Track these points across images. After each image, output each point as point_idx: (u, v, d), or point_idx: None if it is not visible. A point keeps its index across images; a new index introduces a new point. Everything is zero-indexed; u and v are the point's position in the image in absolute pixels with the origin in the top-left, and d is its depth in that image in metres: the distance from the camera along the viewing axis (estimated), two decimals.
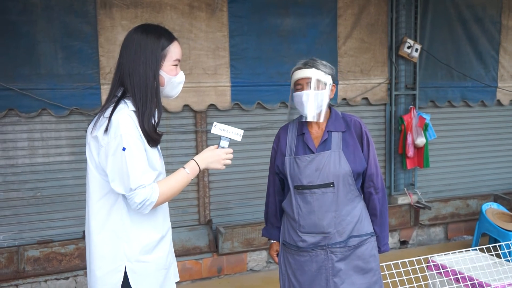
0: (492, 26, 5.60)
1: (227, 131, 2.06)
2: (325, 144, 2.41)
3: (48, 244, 4.05)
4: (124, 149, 1.76)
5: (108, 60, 4.14)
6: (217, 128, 2.05)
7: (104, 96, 4.15)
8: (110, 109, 1.81)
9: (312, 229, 2.41)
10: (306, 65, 2.40)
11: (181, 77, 1.98)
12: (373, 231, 2.50)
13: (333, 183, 2.36)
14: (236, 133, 2.07)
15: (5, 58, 3.90)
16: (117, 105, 1.82)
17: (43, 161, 4.13)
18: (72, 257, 4.07)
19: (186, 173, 1.94)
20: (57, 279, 4.07)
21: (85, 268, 4.07)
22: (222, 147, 2.05)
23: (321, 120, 2.41)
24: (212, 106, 4.55)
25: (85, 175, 1.90)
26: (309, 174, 2.38)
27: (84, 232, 4.13)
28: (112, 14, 4.13)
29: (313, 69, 2.38)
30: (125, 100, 1.86)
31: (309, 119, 2.39)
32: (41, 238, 4.12)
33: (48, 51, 4.01)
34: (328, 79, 2.40)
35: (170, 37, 1.93)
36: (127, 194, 1.78)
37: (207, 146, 4.55)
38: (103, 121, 1.81)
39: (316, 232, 2.40)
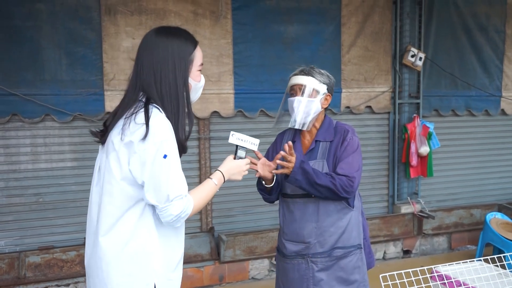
0: (496, 35, 5.59)
1: (244, 141, 2.04)
2: (311, 153, 2.40)
3: (50, 250, 4.03)
4: (165, 156, 1.63)
5: (112, 67, 4.15)
6: (234, 138, 2.03)
7: (108, 102, 4.15)
8: (141, 115, 1.66)
9: (294, 237, 2.43)
10: (302, 72, 2.40)
11: (203, 81, 1.89)
12: (360, 243, 2.47)
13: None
14: (253, 143, 2.06)
15: (9, 63, 3.91)
16: (148, 109, 1.67)
17: (45, 166, 4.12)
18: (73, 264, 4.05)
19: (214, 184, 1.87)
20: (58, 286, 4.05)
21: None
22: (240, 157, 2.03)
23: (305, 128, 2.38)
24: (215, 113, 4.55)
25: (88, 181, 1.80)
26: None
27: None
28: (116, 21, 4.14)
29: (308, 77, 2.37)
30: (155, 105, 1.71)
31: (296, 127, 2.37)
32: (43, 244, 4.11)
33: (52, 57, 4.02)
34: (322, 88, 2.37)
35: (194, 41, 1.82)
36: (162, 205, 1.64)
37: (210, 153, 4.55)
38: (136, 127, 1.65)
39: (297, 241, 2.41)
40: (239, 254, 4.51)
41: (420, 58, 5.08)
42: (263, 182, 2.42)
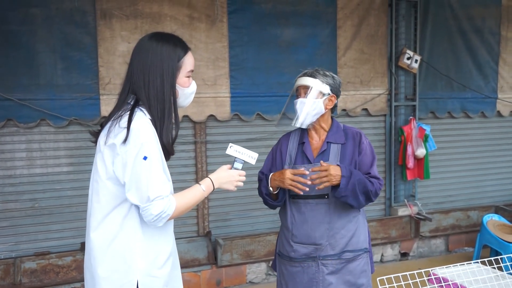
0: (492, 37, 5.61)
1: (242, 153, 2.06)
2: (323, 155, 2.42)
3: (45, 255, 4.01)
4: (145, 158, 1.69)
5: (108, 71, 4.14)
6: (232, 150, 2.05)
7: (103, 107, 4.13)
8: (125, 118, 1.73)
9: (304, 240, 2.41)
10: (306, 74, 2.44)
11: (193, 87, 1.95)
12: (367, 247, 2.49)
13: (327, 194, 2.37)
14: (251, 156, 2.07)
15: (4, 68, 3.89)
16: (133, 112, 1.75)
17: (41, 171, 4.10)
18: (69, 269, 4.03)
19: (202, 190, 1.90)
20: None
21: (83, 281, 4.02)
22: (236, 169, 2.04)
23: (304, 126, 2.43)
24: (211, 117, 4.54)
25: (84, 186, 1.84)
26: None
27: (82, 243, 4.10)
28: (112, 25, 4.13)
29: (312, 79, 2.41)
30: (141, 108, 1.79)
31: (297, 125, 2.42)
32: (39, 250, 4.08)
33: (48, 62, 4.00)
34: (326, 89, 2.41)
35: (185, 47, 1.88)
36: (143, 205, 1.71)
37: (207, 157, 4.54)
38: (119, 130, 1.72)
39: (308, 243, 2.41)
40: (236, 258, 4.49)
41: (416, 61, 5.09)
42: (271, 189, 2.43)
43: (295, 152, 2.48)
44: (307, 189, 2.30)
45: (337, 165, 2.32)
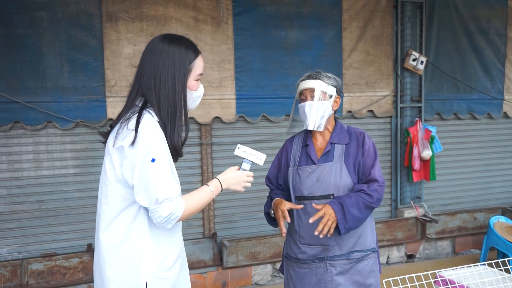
0: (498, 39, 5.58)
1: (250, 154, 2.06)
2: (327, 155, 2.43)
3: (52, 257, 4.03)
4: (153, 160, 1.70)
5: (114, 73, 4.16)
6: (240, 150, 2.06)
7: (109, 109, 4.15)
8: (133, 120, 1.74)
9: (312, 241, 2.41)
10: (310, 77, 2.45)
11: (201, 91, 1.94)
12: (375, 247, 2.49)
13: (333, 194, 2.37)
14: (259, 157, 2.07)
15: (11, 71, 3.92)
16: (141, 115, 1.75)
17: (48, 173, 4.12)
18: (75, 271, 4.04)
19: (210, 191, 1.90)
20: None
21: (89, 282, 4.05)
22: (244, 170, 2.05)
23: (321, 129, 2.43)
24: (217, 119, 4.55)
25: (90, 188, 1.84)
26: (310, 185, 2.39)
27: (88, 245, 4.11)
28: (117, 28, 4.15)
29: (317, 81, 2.41)
30: (149, 110, 1.79)
31: (309, 128, 2.42)
32: (46, 251, 4.10)
33: (54, 64, 4.03)
34: (332, 91, 2.42)
35: (196, 51, 1.88)
36: (152, 207, 1.71)
37: (212, 158, 4.54)
38: (127, 133, 1.73)
39: (316, 244, 2.41)
40: (242, 259, 4.49)
41: (422, 62, 5.08)
42: (272, 211, 2.47)
43: (299, 154, 2.49)
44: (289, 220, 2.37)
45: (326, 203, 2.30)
